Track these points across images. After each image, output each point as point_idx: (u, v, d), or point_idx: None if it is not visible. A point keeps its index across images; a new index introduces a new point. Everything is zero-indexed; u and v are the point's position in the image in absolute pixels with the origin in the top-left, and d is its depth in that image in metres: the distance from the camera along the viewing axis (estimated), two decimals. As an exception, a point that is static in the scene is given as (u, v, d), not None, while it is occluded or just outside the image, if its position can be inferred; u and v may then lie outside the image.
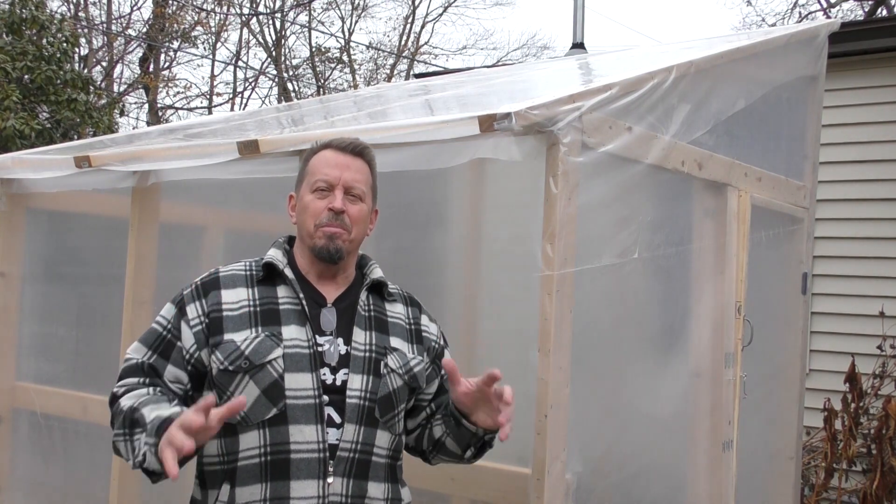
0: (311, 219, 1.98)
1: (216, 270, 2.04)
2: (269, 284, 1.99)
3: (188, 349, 1.94)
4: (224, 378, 1.90)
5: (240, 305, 1.95)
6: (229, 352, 1.90)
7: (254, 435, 1.88)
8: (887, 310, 5.75)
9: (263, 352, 1.89)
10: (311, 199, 1.99)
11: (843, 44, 5.69)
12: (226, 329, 1.92)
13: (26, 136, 10.09)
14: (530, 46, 25.88)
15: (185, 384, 1.95)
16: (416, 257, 2.34)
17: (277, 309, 1.95)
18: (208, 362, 1.93)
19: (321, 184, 1.99)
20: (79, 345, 3.79)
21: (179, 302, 2.00)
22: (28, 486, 3.73)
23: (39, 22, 10.94)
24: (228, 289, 1.98)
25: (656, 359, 2.99)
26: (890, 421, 4.66)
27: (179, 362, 1.95)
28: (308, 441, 1.87)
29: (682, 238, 3.00)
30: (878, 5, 17.39)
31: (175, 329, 1.97)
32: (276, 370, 1.88)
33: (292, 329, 1.92)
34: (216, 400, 1.76)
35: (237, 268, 2.04)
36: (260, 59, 29.51)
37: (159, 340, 1.98)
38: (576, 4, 7.63)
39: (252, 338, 1.90)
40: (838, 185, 6.08)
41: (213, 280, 2.01)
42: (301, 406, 1.88)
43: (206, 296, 1.97)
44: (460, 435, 2.00)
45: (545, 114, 2.24)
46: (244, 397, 1.81)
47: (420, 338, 2.10)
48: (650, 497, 2.94)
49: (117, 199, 3.47)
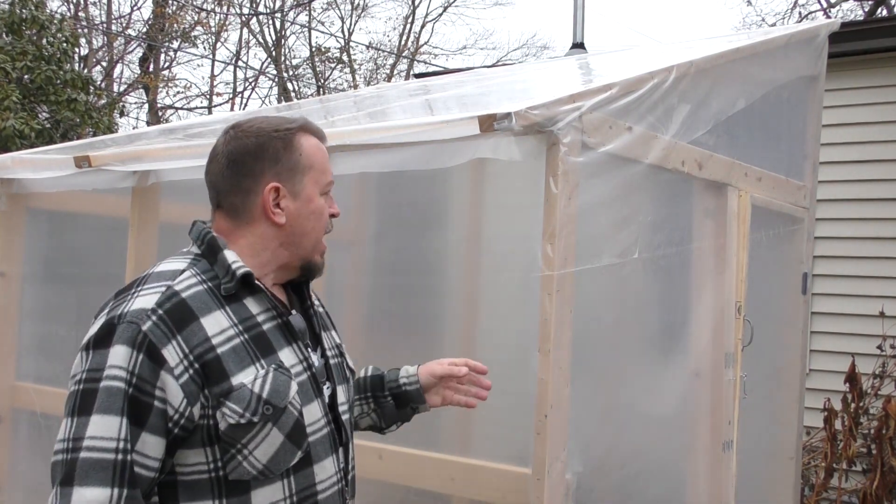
0: (323, 228, 1.68)
1: (170, 290, 1.52)
2: (235, 300, 1.58)
3: (176, 408, 1.46)
4: (237, 432, 1.50)
5: (227, 336, 1.53)
6: (247, 400, 1.50)
7: (276, 487, 1.55)
8: (887, 310, 5.75)
9: (282, 391, 1.54)
10: (323, 203, 1.68)
11: (843, 44, 5.69)
12: (230, 372, 1.50)
13: (26, 136, 10.09)
14: (530, 46, 25.92)
15: (159, 458, 1.47)
16: (416, 257, 2.33)
17: (263, 331, 1.58)
18: (204, 418, 1.49)
19: (331, 187, 1.70)
20: (79, 345, 3.79)
21: (143, 343, 1.46)
22: (28, 486, 3.73)
23: (39, 22, 10.93)
24: (205, 315, 1.52)
25: (656, 359, 2.99)
26: (890, 421, 4.66)
27: (159, 428, 1.46)
28: (329, 476, 1.65)
29: (682, 238, 3.00)
30: (878, 5, 17.39)
31: (148, 383, 1.45)
32: (296, 407, 1.57)
33: (287, 353, 1.60)
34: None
35: (190, 282, 1.56)
36: (260, 59, 29.57)
37: (126, 402, 1.44)
38: (576, 4, 7.63)
39: (262, 376, 1.53)
40: (838, 185, 6.08)
41: (179, 305, 1.51)
42: (319, 440, 1.62)
43: (181, 330, 1.49)
44: (395, 414, 1.96)
45: (545, 114, 2.24)
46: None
47: (331, 319, 1.88)
48: (650, 497, 2.94)
49: (117, 199, 3.46)
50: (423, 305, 3.08)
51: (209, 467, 1.52)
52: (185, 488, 1.51)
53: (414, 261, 2.12)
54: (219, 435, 1.50)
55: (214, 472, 1.52)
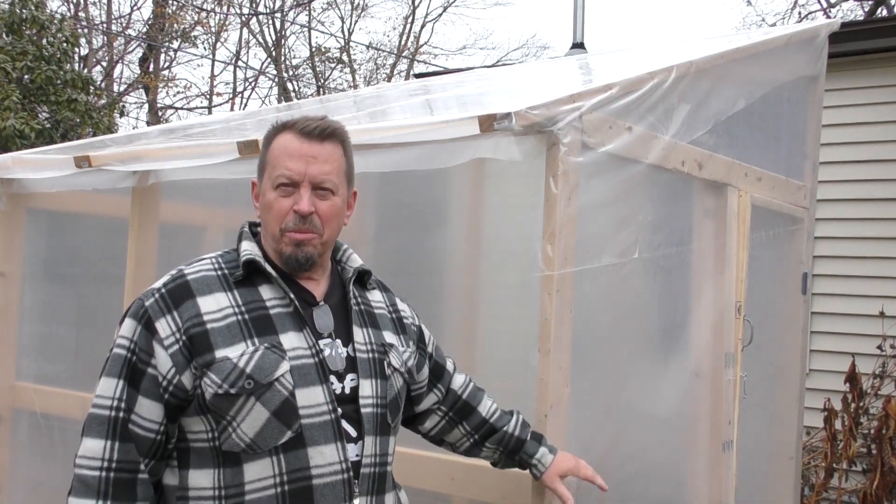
0: (275, 221, 1.74)
1: (180, 272, 1.74)
2: (249, 285, 1.72)
3: (164, 375, 1.64)
4: (221, 403, 1.63)
5: (224, 314, 1.67)
6: (226, 372, 1.62)
7: (265, 463, 1.64)
8: (887, 310, 5.75)
9: (268, 368, 1.64)
10: (275, 197, 1.73)
11: (843, 44, 5.69)
12: (215, 345, 1.64)
13: (26, 136, 10.09)
14: (530, 46, 25.99)
15: (158, 421, 1.66)
16: (416, 257, 2.32)
17: (268, 314, 1.70)
18: (193, 387, 1.64)
19: (283, 179, 1.72)
20: (79, 345, 3.79)
21: (143, 317, 1.67)
22: (28, 486, 3.73)
23: (39, 22, 10.93)
24: (204, 295, 1.69)
25: (656, 359, 2.99)
26: (890, 421, 4.66)
27: (153, 392, 1.65)
28: (330, 463, 1.67)
29: (682, 238, 3.00)
30: (878, 5, 17.39)
31: (144, 351, 1.65)
32: (286, 387, 1.65)
33: (291, 336, 1.69)
34: None
35: (205, 268, 1.75)
36: (260, 59, 29.58)
37: (126, 367, 1.66)
38: (576, 4, 7.63)
39: (250, 352, 1.64)
40: (838, 185, 6.08)
41: (181, 286, 1.70)
42: (318, 424, 1.67)
43: (178, 307, 1.67)
44: (510, 462, 2.16)
45: (545, 114, 2.24)
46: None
47: (403, 326, 1.96)
48: (650, 497, 2.94)
49: (117, 199, 3.46)
50: (423, 305, 3.07)
51: (208, 436, 1.67)
52: (195, 454, 1.68)
53: (414, 261, 2.12)
54: (207, 405, 1.64)
55: (212, 441, 1.67)
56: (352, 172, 1.86)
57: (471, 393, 2.14)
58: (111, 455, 1.64)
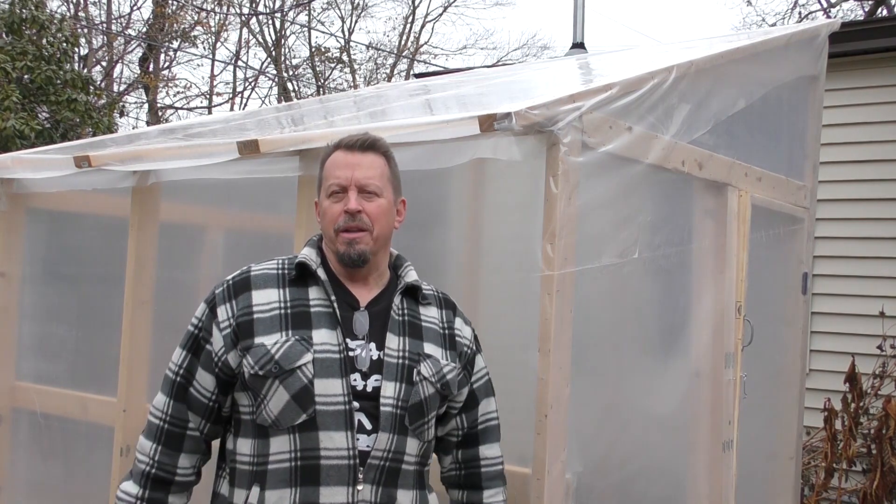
0: (329, 224, 1.99)
1: (248, 269, 2.03)
2: (302, 285, 1.98)
3: (217, 352, 1.95)
4: (256, 382, 1.90)
5: (271, 307, 1.94)
6: (259, 356, 1.89)
7: (284, 439, 1.88)
8: (887, 310, 5.75)
9: (293, 356, 1.88)
10: (328, 204, 1.99)
11: (843, 44, 5.69)
12: (256, 332, 1.92)
13: (26, 136, 10.08)
14: (530, 46, 25.93)
15: (211, 390, 1.97)
16: (416, 257, 2.33)
17: (308, 311, 1.94)
18: (237, 366, 1.93)
19: (335, 187, 1.99)
20: (79, 345, 3.79)
21: (211, 302, 2.00)
22: (28, 486, 3.73)
23: (39, 22, 10.93)
24: (259, 289, 1.97)
25: (656, 359, 2.99)
26: (890, 421, 4.66)
27: (208, 365, 1.96)
28: (338, 448, 1.87)
29: (682, 238, 3.00)
30: (878, 5, 17.40)
31: (206, 331, 1.98)
32: (306, 375, 1.87)
33: (323, 333, 1.92)
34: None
35: (269, 266, 2.03)
36: (260, 59, 29.57)
37: (192, 341, 2.00)
38: (576, 4, 7.63)
39: (282, 342, 1.90)
40: (838, 185, 6.07)
41: (244, 280, 2.00)
42: (331, 412, 1.87)
43: (237, 297, 1.97)
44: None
45: (545, 114, 2.24)
46: None
47: (453, 343, 2.08)
48: (650, 497, 2.94)
49: (117, 199, 3.46)
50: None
51: (249, 410, 1.94)
52: (243, 425, 1.96)
53: (414, 261, 2.13)
54: (247, 383, 1.91)
55: (251, 415, 1.93)
56: (397, 180, 2.09)
57: (487, 467, 2.14)
58: (168, 410, 2.00)
